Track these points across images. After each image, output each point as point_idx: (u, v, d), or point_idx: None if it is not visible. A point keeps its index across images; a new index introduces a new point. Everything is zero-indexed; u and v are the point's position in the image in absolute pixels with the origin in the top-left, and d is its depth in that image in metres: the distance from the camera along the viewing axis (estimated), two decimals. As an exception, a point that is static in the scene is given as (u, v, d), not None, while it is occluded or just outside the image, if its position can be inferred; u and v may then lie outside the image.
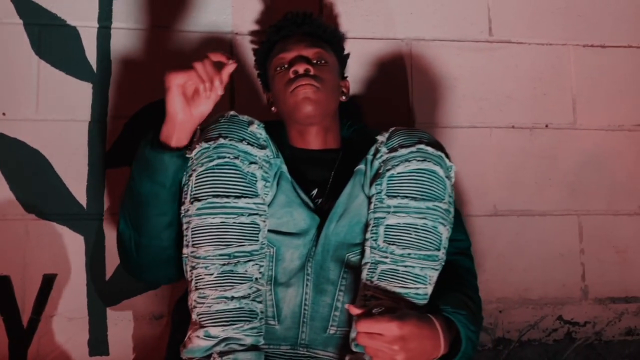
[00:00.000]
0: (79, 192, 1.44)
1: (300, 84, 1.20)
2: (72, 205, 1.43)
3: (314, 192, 1.21)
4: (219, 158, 1.05)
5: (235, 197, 1.05)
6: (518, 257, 1.59)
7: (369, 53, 1.58)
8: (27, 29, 1.45)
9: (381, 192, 1.08)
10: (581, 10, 1.68)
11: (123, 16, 1.49)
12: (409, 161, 1.07)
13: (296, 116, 1.23)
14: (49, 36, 1.46)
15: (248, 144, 1.07)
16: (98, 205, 1.44)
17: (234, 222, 1.04)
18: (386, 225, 1.06)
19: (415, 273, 1.04)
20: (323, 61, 1.26)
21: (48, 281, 1.41)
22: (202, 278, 1.03)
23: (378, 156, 1.12)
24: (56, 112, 1.45)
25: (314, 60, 1.25)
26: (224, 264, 1.03)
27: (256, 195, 1.07)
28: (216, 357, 0.99)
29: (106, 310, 1.43)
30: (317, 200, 1.20)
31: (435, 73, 1.61)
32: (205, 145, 1.06)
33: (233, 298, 1.03)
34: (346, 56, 1.41)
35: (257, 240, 1.07)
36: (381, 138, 1.13)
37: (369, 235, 1.08)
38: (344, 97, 1.33)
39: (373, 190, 1.10)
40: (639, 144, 1.67)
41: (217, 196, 1.04)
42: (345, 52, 1.40)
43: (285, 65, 1.25)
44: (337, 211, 1.13)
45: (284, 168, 1.14)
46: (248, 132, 1.08)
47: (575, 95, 1.66)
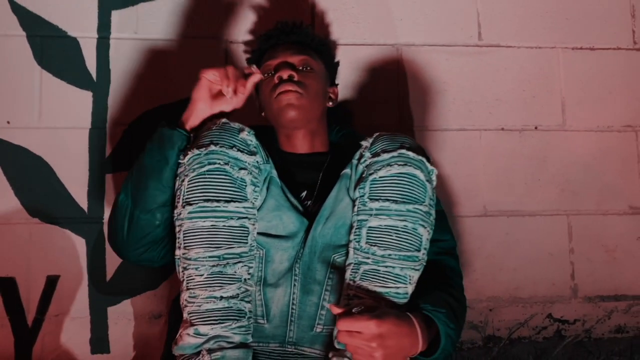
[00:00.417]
0: (80, 197, 1.49)
1: (283, 90, 1.24)
2: (74, 209, 1.48)
3: (304, 194, 1.25)
4: (210, 164, 1.10)
5: (225, 202, 1.09)
6: (508, 257, 1.61)
7: (360, 59, 1.61)
8: (30, 41, 1.50)
9: (364, 196, 1.12)
10: (570, 13, 1.70)
11: (121, 27, 1.54)
12: (391, 165, 1.11)
13: (280, 121, 1.28)
14: (51, 47, 1.51)
15: (238, 151, 1.12)
16: (98, 209, 1.49)
17: (224, 226, 1.09)
18: (368, 227, 1.10)
19: (395, 273, 1.08)
20: (308, 68, 1.30)
21: (51, 282, 1.46)
22: (193, 279, 1.08)
23: (362, 161, 1.15)
24: (58, 120, 1.50)
25: (300, 66, 1.30)
26: (214, 266, 1.08)
27: (245, 199, 1.12)
28: (205, 354, 1.04)
29: (107, 309, 1.47)
30: (306, 202, 1.25)
31: (425, 77, 1.63)
32: (197, 151, 1.11)
33: (222, 298, 1.07)
34: (335, 64, 1.44)
35: (246, 242, 1.11)
36: (365, 143, 1.17)
37: (353, 237, 1.12)
38: (331, 103, 1.37)
39: (357, 193, 1.14)
40: (628, 145, 1.69)
41: (208, 200, 1.09)
42: (334, 60, 1.44)
43: (271, 71, 1.29)
44: (324, 214, 1.17)
45: (274, 173, 1.18)
46: (238, 139, 1.13)
47: (564, 97, 1.68)
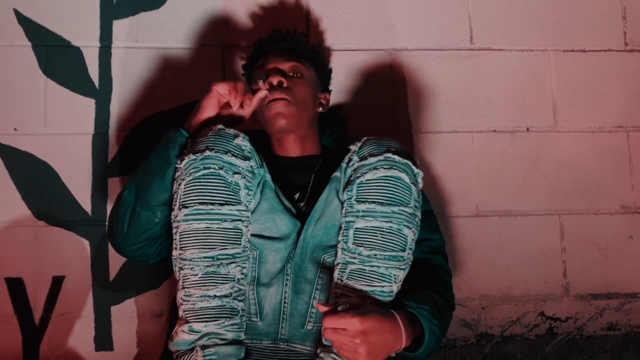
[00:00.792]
0: (84, 200, 1.54)
1: (272, 99, 1.29)
2: (78, 212, 1.54)
3: (297, 196, 1.30)
4: (205, 169, 1.15)
5: (219, 205, 1.14)
6: (500, 256, 1.64)
7: (354, 64, 1.65)
8: (35, 51, 1.56)
9: (351, 198, 1.17)
10: (561, 16, 1.73)
11: (122, 36, 1.60)
12: (377, 169, 1.15)
13: (271, 129, 1.33)
14: (55, 56, 1.57)
15: (232, 156, 1.17)
16: (102, 212, 1.54)
17: (218, 228, 1.14)
18: (355, 228, 1.15)
19: (380, 272, 1.12)
20: (299, 74, 1.35)
21: (57, 282, 1.51)
22: (188, 278, 1.13)
23: (350, 164, 1.20)
24: (62, 127, 1.56)
25: (290, 73, 1.34)
26: (208, 266, 1.13)
27: (239, 202, 1.16)
28: (199, 350, 1.09)
29: (110, 308, 1.52)
30: (299, 203, 1.29)
31: (418, 81, 1.67)
32: (193, 157, 1.16)
33: (215, 296, 1.12)
34: (327, 70, 1.49)
35: (240, 244, 1.16)
36: (354, 147, 1.22)
37: (341, 237, 1.17)
38: (322, 109, 1.42)
39: (345, 196, 1.18)
40: (620, 145, 1.71)
41: (203, 203, 1.14)
42: (326, 67, 1.48)
43: (263, 77, 1.34)
44: (315, 216, 1.22)
45: (268, 177, 1.23)
46: (233, 145, 1.18)
47: (555, 99, 1.71)
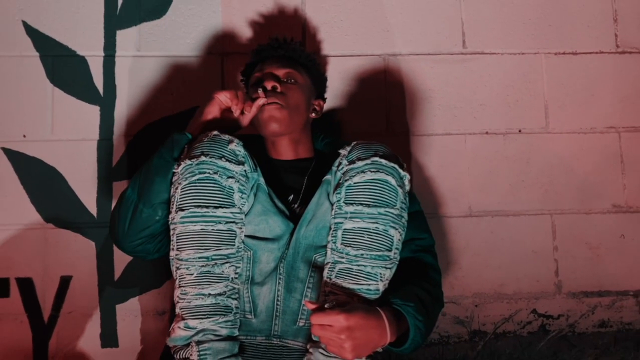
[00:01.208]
0: (90, 203, 1.61)
1: (267, 102, 1.35)
2: (84, 215, 1.60)
3: (291, 198, 1.36)
4: (200, 173, 1.20)
5: (214, 207, 1.20)
6: (493, 255, 1.68)
7: (349, 69, 1.70)
8: (43, 60, 1.63)
9: (340, 200, 1.22)
10: (552, 20, 1.76)
11: (125, 45, 1.66)
12: (364, 172, 1.20)
13: (264, 131, 1.39)
14: (62, 66, 1.64)
15: (227, 161, 1.22)
16: (107, 214, 1.60)
17: (212, 229, 1.20)
18: (344, 229, 1.20)
19: (367, 271, 1.17)
20: (292, 80, 1.40)
21: (65, 282, 1.58)
22: (184, 277, 1.19)
23: (340, 168, 1.25)
24: (69, 133, 1.62)
25: (284, 79, 1.40)
26: (203, 266, 1.19)
27: (233, 205, 1.22)
28: (194, 345, 1.15)
29: (115, 307, 1.59)
30: (293, 205, 1.35)
31: (411, 85, 1.72)
32: (189, 162, 1.22)
33: (210, 295, 1.18)
34: (323, 78, 1.54)
35: (234, 245, 1.22)
36: (343, 151, 1.27)
37: (330, 238, 1.22)
38: (315, 115, 1.47)
39: (334, 198, 1.23)
40: (611, 145, 1.74)
41: (198, 206, 1.20)
42: (321, 75, 1.54)
43: (258, 83, 1.40)
44: (307, 217, 1.27)
45: (261, 181, 1.29)
46: (227, 150, 1.23)
47: (547, 100, 1.74)
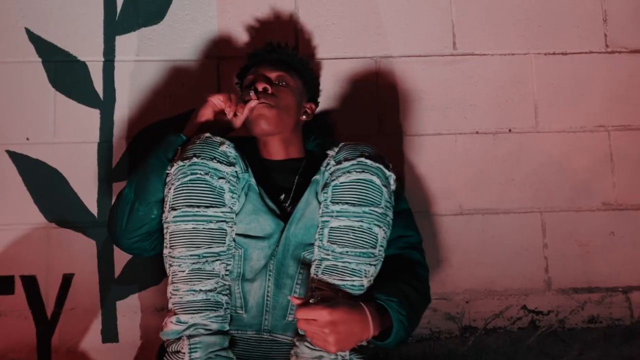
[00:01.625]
0: (91, 203, 1.66)
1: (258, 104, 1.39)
2: (86, 214, 1.66)
3: (282, 197, 1.40)
4: (192, 174, 1.25)
5: (205, 207, 1.25)
6: (484, 253, 1.71)
7: (342, 71, 1.74)
8: (45, 66, 1.69)
9: (327, 199, 1.26)
10: (542, 21, 1.79)
11: (124, 50, 1.71)
12: (350, 172, 1.25)
13: (254, 130, 1.43)
14: (63, 71, 1.69)
15: (218, 162, 1.27)
16: (107, 214, 1.64)
17: (204, 228, 1.24)
18: (330, 227, 1.24)
19: (351, 268, 1.21)
20: (284, 83, 1.45)
21: (67, 280, 1.63)
22: (176, 274, 1.24)
23: (328, 168, 1.30)
24: (70, 136, 1.68)
25: (276, 81, 1.45)
26: (194, 263, 1.23)
27: (224, 205, 1.27)
28: (185, 339, 1.20)
29: (116, 303, 1.63)
30: (285, 204, 1.39)
31: (403, 87, 1.75)
32: (181, 163, 1.27)
33: (201, 291, 1.23)
34: (315, 82, 1.59)
35: (224, 243, 1.27)
36: (331, 152, 1.31)
37: (317, 236, 1.27)
38: (306, 117, 1.52)
39: (322, 197, 1.28)
40: (601, 144, 1.76)
41: (190, 206, 1.24)
42: (314, 78, 1.58)
43: (251, 85, 1.44)
44: (296, 216, 1.32)
45: (252, 181, 1.33)
46: (219, 152, 1.28)
47: (537, 100, 1.77)
